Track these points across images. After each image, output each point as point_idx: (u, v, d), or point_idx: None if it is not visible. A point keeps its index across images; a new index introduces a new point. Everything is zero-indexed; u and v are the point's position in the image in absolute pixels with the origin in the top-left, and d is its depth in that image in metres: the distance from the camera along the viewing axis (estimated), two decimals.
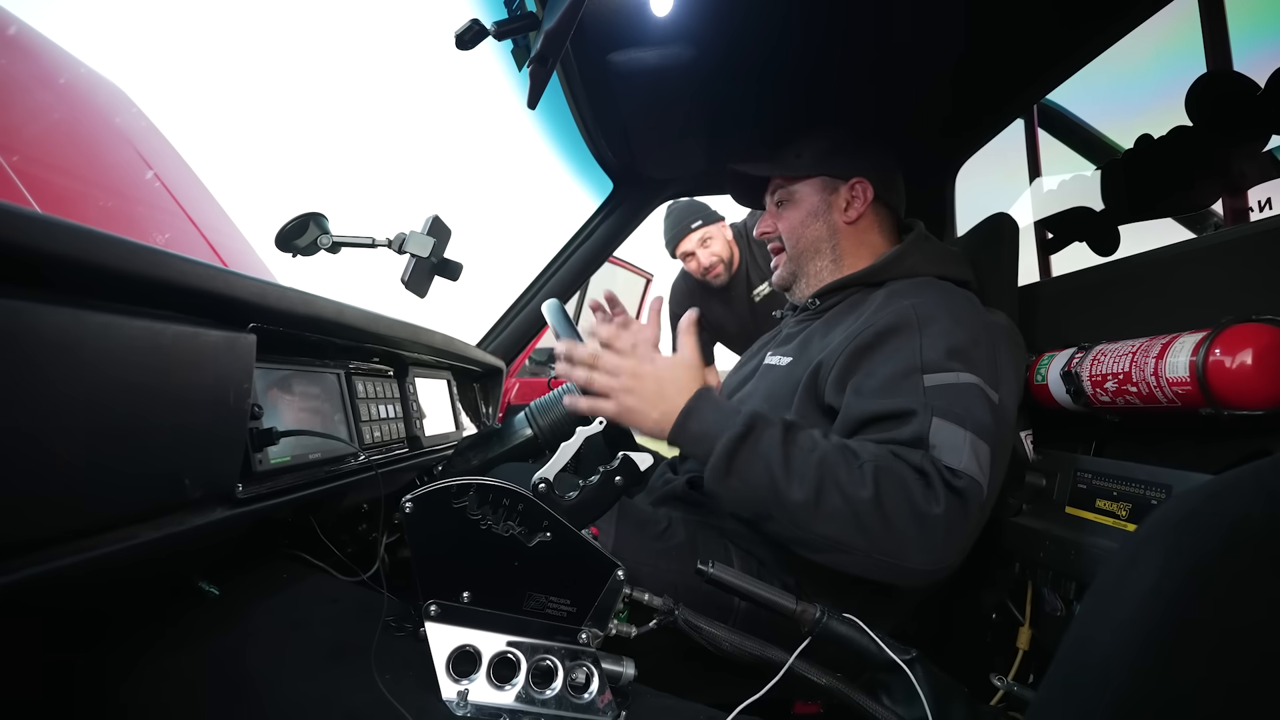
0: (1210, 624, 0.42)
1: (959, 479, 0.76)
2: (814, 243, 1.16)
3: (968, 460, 0.77)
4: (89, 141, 1.62)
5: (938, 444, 0.78)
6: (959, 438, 0.79)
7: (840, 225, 1.14)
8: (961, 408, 0.81)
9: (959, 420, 0.80)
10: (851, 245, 1.14)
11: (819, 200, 1.15)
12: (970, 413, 0.81)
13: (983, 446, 0.79)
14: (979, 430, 0.80)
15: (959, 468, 0.77)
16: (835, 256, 1.15)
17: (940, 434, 0.79)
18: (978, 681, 0.84)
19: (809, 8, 1.05)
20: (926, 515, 0.74)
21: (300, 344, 0.76)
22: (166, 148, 2.13)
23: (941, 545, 0.75)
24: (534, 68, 0.83)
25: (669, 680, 0.76)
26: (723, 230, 2.33)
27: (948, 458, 0.78)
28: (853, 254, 1.14)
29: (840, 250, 1.15)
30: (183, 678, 0.60)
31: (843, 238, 1.14)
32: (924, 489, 0.75)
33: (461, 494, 0.67)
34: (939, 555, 0.76)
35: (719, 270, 2.31)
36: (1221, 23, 0.87)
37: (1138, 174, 1.04)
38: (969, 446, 0.78)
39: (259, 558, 0.83)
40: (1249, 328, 0.64)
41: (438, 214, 1.05)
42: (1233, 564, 0.43)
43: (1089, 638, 0.50)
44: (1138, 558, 0.49)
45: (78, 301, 0.38)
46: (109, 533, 0.42)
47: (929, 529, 0.74)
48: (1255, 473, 0.45)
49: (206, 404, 0.49)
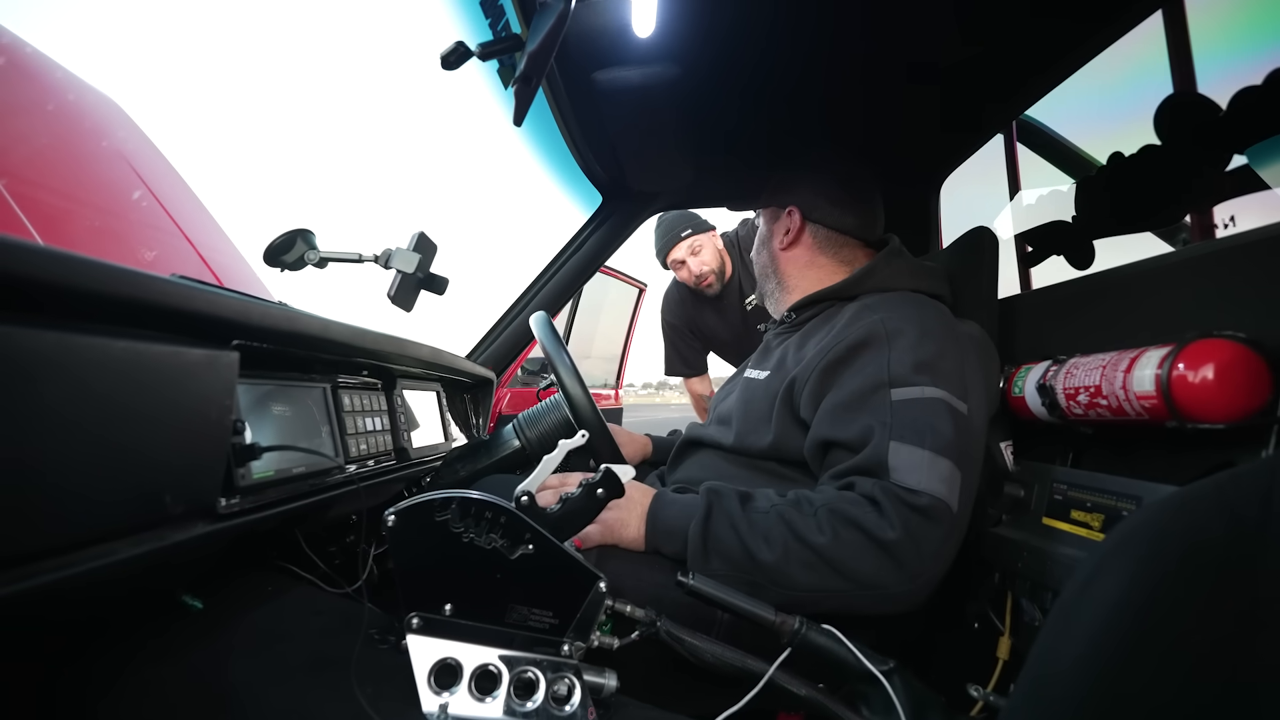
0: (1170, 638, 0.43)
1: (919, 497, 0.79)
2: (762, 269, 1.25)
3: (927, 479, 0.80)
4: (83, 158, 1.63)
5: (896, 465, 0.81)
6: (917, 457, 0.81)
7: (776, 252, 1.21)
8: (924, 425, 0.84)
9: (918, 440, 0.82)
10: (793, 269, 1.20)
11: (766, 229, 1.24)
12: (932, 429, 0.83)
13: (943, 463, 0.81)
14: (939, 447, 0.82)
15: (919, 487, 0.79)
16: (779, 281, 1.21)
17: (899, 456, 0.82)
18: (959, 692, 0.84)
19: (791, 27, 1.07)
20: (884, 541, 0.78)
21: (286, 359, 0.77)
22: (162, 163, 2.13)
23: (912, 565, 0.78)
24: (519, 87, 0.85)
25: (652, 692, 0.77)
26: (713, 239, 2.35)
27: (907, 478, 0.80)
28: (797, 276, 1.19)
29: (782, 274, 1.21)
30: (163, 690, 0.60)
31: (781, 263, 1.21)
32: (876, 517, 0.79)
33: (444, 507, 0.67)
34: (912, 575, 0.78)
35: (710, 280, 2.33)
36: (1185, 44, 0.89)
37: (1109, 191, 1.06)
38: (927, 465, 0.81)
39: (244, 570, 0.83)
40: (1211, 343, 0.66)
41: (423, 230, 1.07)
42: (1192, 578, 0.44)
43: (1054, 649, 0.51)
44: (1101, 571, 0.50)
45: (58, 324, 0.39)
46: (87, 549, 0.42)
47: (891, 554, 0.78)
48: (1216, 486, 0.46)
49: (187, 421, 0.50)
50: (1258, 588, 0.41)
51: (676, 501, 0.93)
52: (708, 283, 2.33)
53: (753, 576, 0.83)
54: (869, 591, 0.79)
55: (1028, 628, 0.91)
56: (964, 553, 0.92)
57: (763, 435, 1.02)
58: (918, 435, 0.83)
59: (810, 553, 0.80)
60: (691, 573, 0.76)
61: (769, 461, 1.03)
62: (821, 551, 0.79)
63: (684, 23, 1.02)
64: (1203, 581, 0.44)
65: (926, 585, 0.80)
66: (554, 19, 0.70)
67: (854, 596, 0.80)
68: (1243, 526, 0.43)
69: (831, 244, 1.18)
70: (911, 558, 0.78)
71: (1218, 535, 0.44)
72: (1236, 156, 0.83)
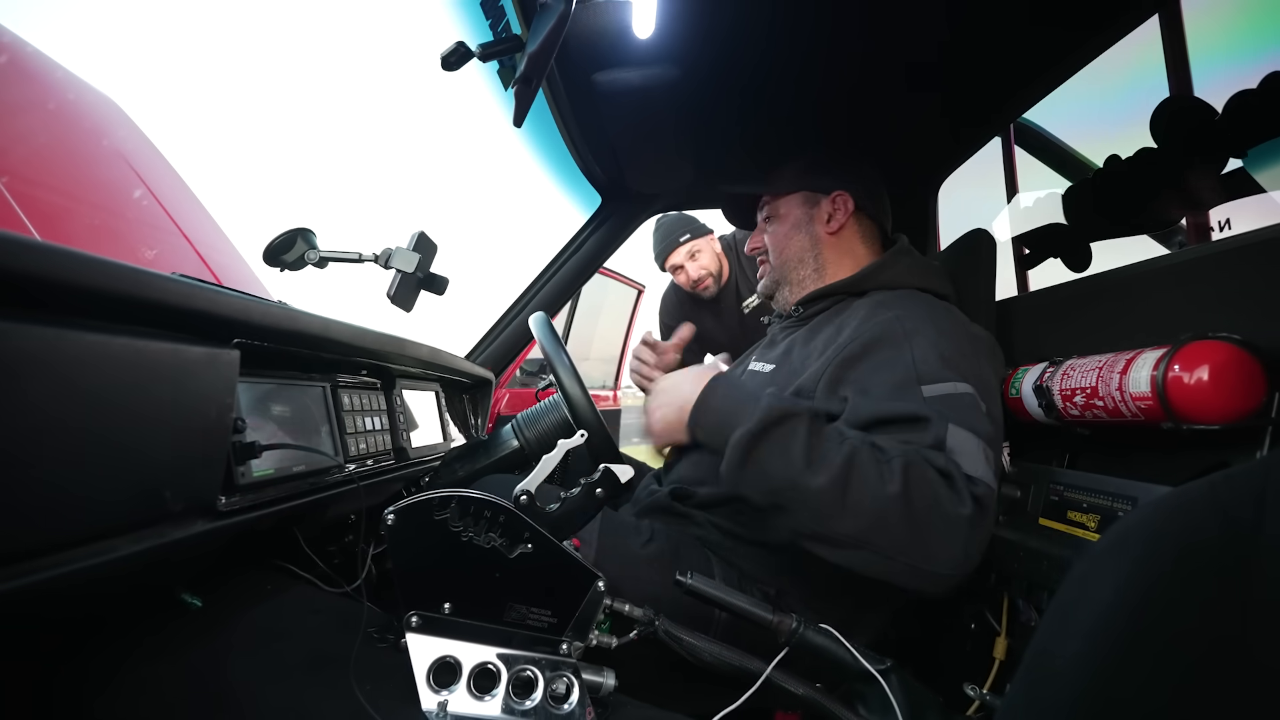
0: (1165, 638, 0.43)
1: (977, 486, 0.76)
2: (798, 253, 1.20)
3: (983, 467, 0.78)
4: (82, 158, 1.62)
5: (955, 448, 0.79)
6: (974, 445, 0.79)
7: (823, 236, 1.18)
8: (970, 416, 0.82)
9: (971, 428, 0.80)
10: (834, 255, 1.18)
11: (801, 214, 1.20)
12: (975, 420, 0.82)
13: (991, 454, 0.80)
14: (986, 438, 0.81)
15: (976, 475, 0.77)
16: (818, 266, 1.18)
17: (957, 439, 0.79)
18: (958, 691, 0.85)
19: (790, 29, 1.07)
20: (953, 516, 0.73)
21: (287, 358, 0.77)
22: (161, 162, 2.13)
23: (964, 548, 0.74)
24: (519, 88, 0.85)
25: (650, 691, 0.77)
26: (711, 243, 2.36)
27: (966, 463, 0.78)
28: (835, 263, 1.18)
29: (823, 260, 1.18)
30: (161, 688, 0.60)
31: (825, 248, 1.18)
32: (950, 491, 0.75)
33: (443, 506, 0.67)
34: (963, 559, 0.74)
35: (708, 283, 2.34)
36: (1182, 47, 0.90)
37: (1106, 193, 1.06)
38: (982, 454, 0.79)
39: (244, 569, 0.84)
40: (1206, 345, 0.66)
41: (423, 230, 1.07)
42: (1186, 578, 0.45)
43: (1050, 649, 0.51)
44: (1096, 571, 0.50)
45: (59, 320, 0.39)
46: (87, 546, 0.42)
47: (956, 530, 0.73)
48: (1210, 487, 0.46)
49: (188, 418, 0.50)
50: (1251, 589, 0.41)
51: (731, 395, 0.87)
52: (705, 286, 2.35)
53: (785, 500, 0.78)
54: (907, 560, 0.74)
55: (1024, 628, 0.92)
56: None
57: None
58: (970, 424, 0.81)
59: (869, 498, 0.74)
60: (690, 572, 0.76)
61: None
62: (884, 501, 0.73)
63: (684, 24, 1.03)
64: (1197, 582, 0.44)
65: (965, 574, 0.75)
66: (554, 20, 0.70)
67: (889, 560, 0.75)
68: (1236, 528, 0.43)
69: (869, 235, 1.18)
70: (970, 542, 0.74)
71: (1212, 536, 0.44)
72: (1232, 160, 0.84)
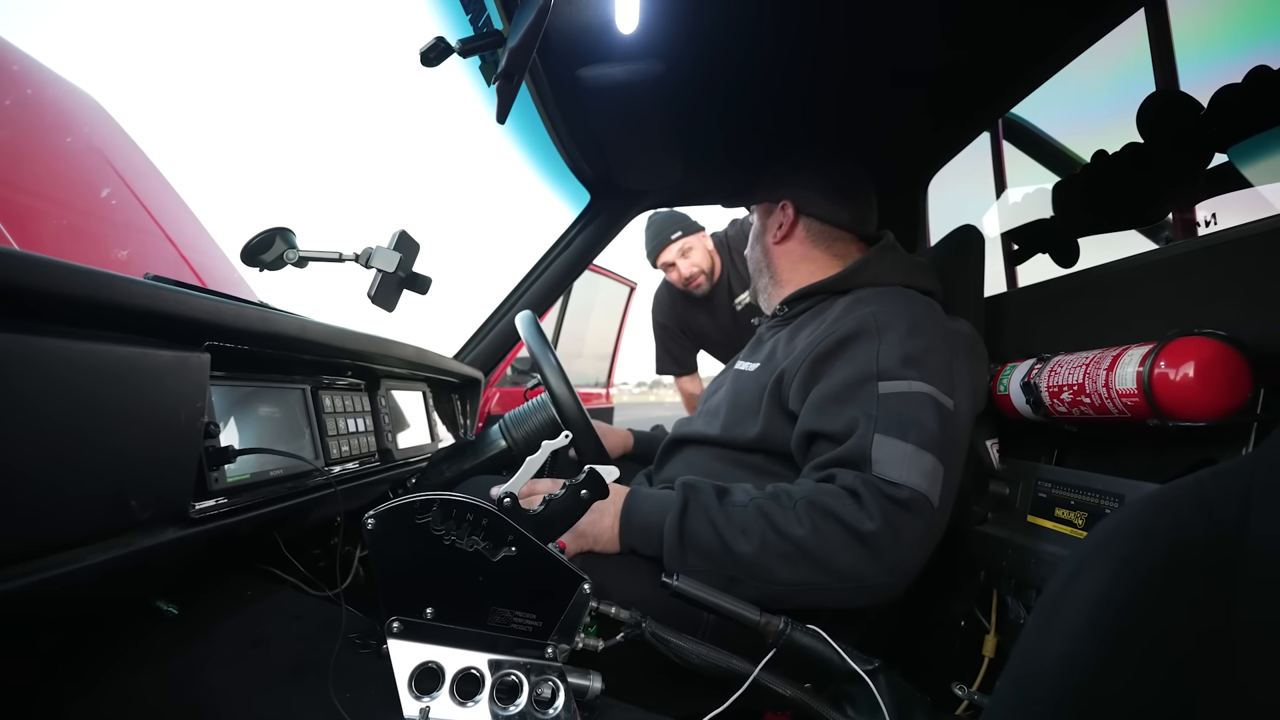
0: (1151, 636, 0.43)
1: (900, 490, 0.79)
2: (755, 264, 1.25)
3: (909, 472, 0.80)
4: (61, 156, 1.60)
5: (879, 458, 0.82)
6: (900, 451, 0.82)
7: (770, 246, 1.21)
8: (909, 419, 0.84)
9: (902, 433, 0.83)
10: (785, 264, 1.20)
11: (759, 225, 1.24)
12: (917, 423, 0.84)
13: (926, 457, 0.82)
14: (923, 441, 0.83)
15: (900, 480, 0.80)
16: (773, 275, 1.22)
17: (882, 449, 0.82)
18: (947, 690, 0.84)
19: (777, 24, 1.06)
20: (862, 533, 0.78)
21: (265, 361, 0.76)
22: (143, 161, 2.09)
23: (890, 557, 0.78)
24: (500, 84, 0.84)
25: (637, 693, 0.76)
26: (703, 240, 2.36)
27: (888, 471, 0.81)
28: (790, 271, 1.19)
29: (775, 269, 1.21)
30: (140, 696, 0.59)
31: (774, 258, 1.21)
32: (855, 509, 0.79)
33: (425, 509, 0.66)
34: (890, 566, 0.79)
35: (700, 280, 2.35)
36: (1168, 42, 0.90)
37: (1092, 189, 1.06)
38: (910, 458, 0.81)
39: (225, 574, 0.82)
40: (1192, 341, 0.66)
41: (404, 229, 1.05)
42: (1173, 576, 0.44)
43: (1036, 647, 0.51)
44: (1083, 568, 0.50)
45: (18, 326, 0.38)
46: (52, 556, 0.41)
47: (870, 545, 0.78)
48: (1196, 484, 0.46)
49: (156, 424, 0.49)
50: (1236, 587, 0.41)
51: (651, 497, 0.92)
52: (697, 283, 2.35)
53: (731, 571, 0.82)
54: (847, 584, 0.79)
55: (1013, 625, 0.92)
56: (950, 550, 0.93)
57: (750, 426, 1.02)
58: (902, 429, 0.83)
59: (789, 545, 0.80)
60: (675, 574, 0.75)
61: (755, 455, 1.03)
62: (800, 543, 0.79)
63: (668, 20, 1.02)
64: (1183, 580, 0.44)
65: (904, 577, 0.80)
66: (534, 15, 0.69)
67: (832, 589, 0.80)
68: (1222, 527, 0.43)
69: (825, 238, 1.18)
70: (889, 549, 0.78)
71: (1198, 534, 0.44)
72: (1218, 155, 0.84)
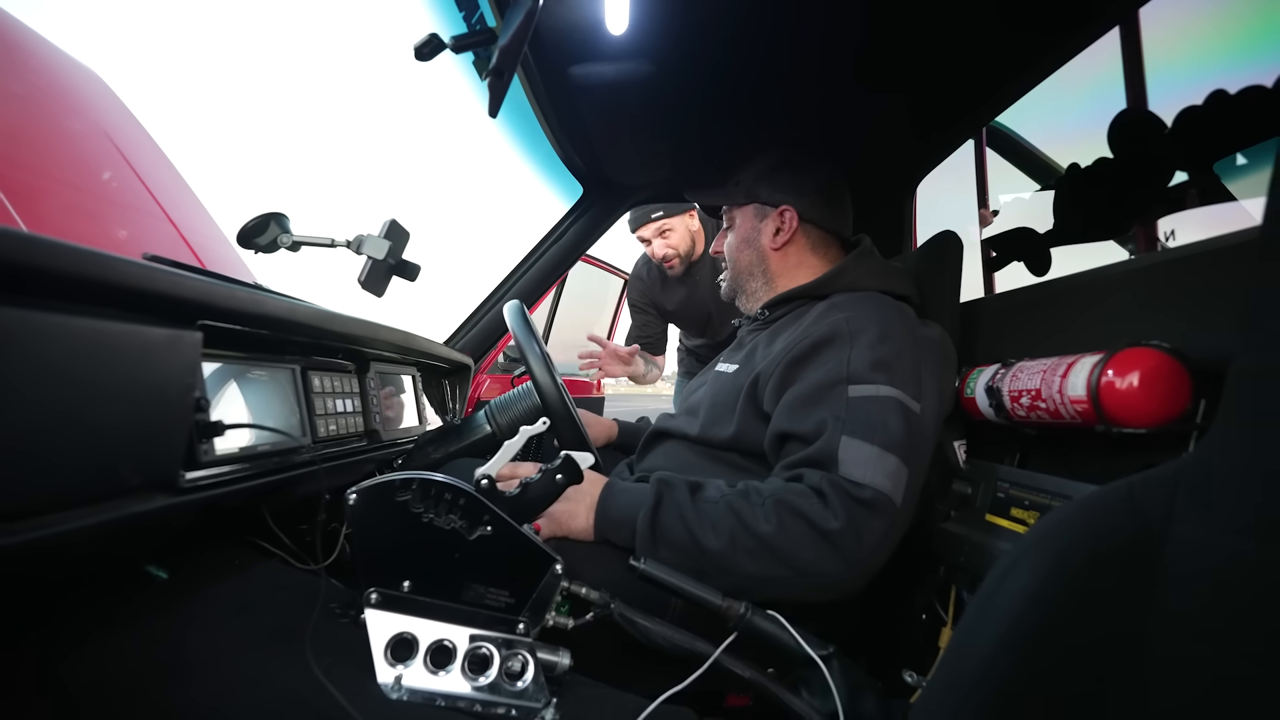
0: (1076, 628, 0.46)
1: (863, 490, 0.82)
2: (747, 266, 1.24)
3: (873, 473, 0.84)
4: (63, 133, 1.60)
5: (845, 459, 0.85)
6: (866, 452, 0.85)
7: (768, 250, 1.21)
8: (875, 421, 0.87)
9: (868, 436, 0.86)
10: (782, 268, 1.21)
11: (750, 227, 1.23)
12: (883, 426, 0.87)
13: (890, 459, 0.85)
14: (888, 444, 0.86)
15: (864, 480, 0.83)
16: (767, 278, 1.22)
17: (848, 450, 0.86)
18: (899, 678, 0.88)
19: (767, 30, 1.09)
20: (826, 530, 0.81)
21: (257, 341, 0.78)
22: (147, 141, 2.09)
23: (852, 554, 0.82)
24: (491, 80, 0.86)
25: (606, 671, 0.80)
26: (686, 221, 2.32)
27: (853, 472, 0.84)
28: (785, 275, 1.21)
29: (771, 273, 1.22)
30: (122, 658, 0.62)
31: (771, 262, 1.22)
32: (820, 508, 0.82)
33: (405, 488, 0.69)
34: (851, 563, 0.82)
35: (674, 263, 2.32)
36: (1138, 61, 0.92)
37: (1063, 200, 1.09)
38: (875, 460, 0.85)
39: (214, 544, 0.85)
40: (1139, 351, 0.69)
41: (395, 218, 1.08)
42: (1099, 573, 0.47)
43: (972, 632, 0.54)
44: (1018, 563, 0.53)
45: (21, 302, 0.41)
46: (43, 516, 0.44)
47: (833, 542, 0.81)
48: (1129, 488, 0.49)
49: (149, 397, 0.52)
50: (1156, 586, 0.44)
51: (626, 490, 0.95)
52: (670, 265, 2.33)
53: (700, 564, 0.86)
54: (810, 578, 0.83)
55: None
56: (913, 547, 0.97)
57: (725, 427, 1.06)
58: (868, 431, 0.87)
59: (756, 541, 0.83)
60: (643, 558, 0.79)
61: (731, 453, 1.07)
62: (766, 540, 0.83)
63: (657, 21, 1.04)
64: (1108, 577, 0.47)
65: (865, 574, 0.84)
66: (524, 15, 0.71)
67: (796, 583, 0.84)
68: (1148, 528, 0.46)
69: (822, 243, 1.21)
70: (852, 547, 0.81)
71: (1126, 535, 0.47)
72: (1179, 173, 0.87)
